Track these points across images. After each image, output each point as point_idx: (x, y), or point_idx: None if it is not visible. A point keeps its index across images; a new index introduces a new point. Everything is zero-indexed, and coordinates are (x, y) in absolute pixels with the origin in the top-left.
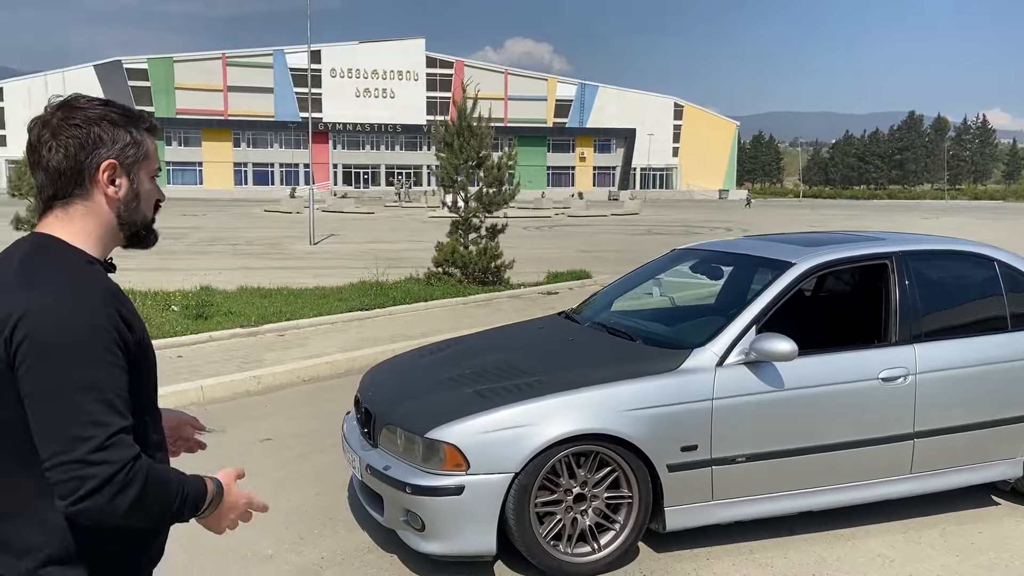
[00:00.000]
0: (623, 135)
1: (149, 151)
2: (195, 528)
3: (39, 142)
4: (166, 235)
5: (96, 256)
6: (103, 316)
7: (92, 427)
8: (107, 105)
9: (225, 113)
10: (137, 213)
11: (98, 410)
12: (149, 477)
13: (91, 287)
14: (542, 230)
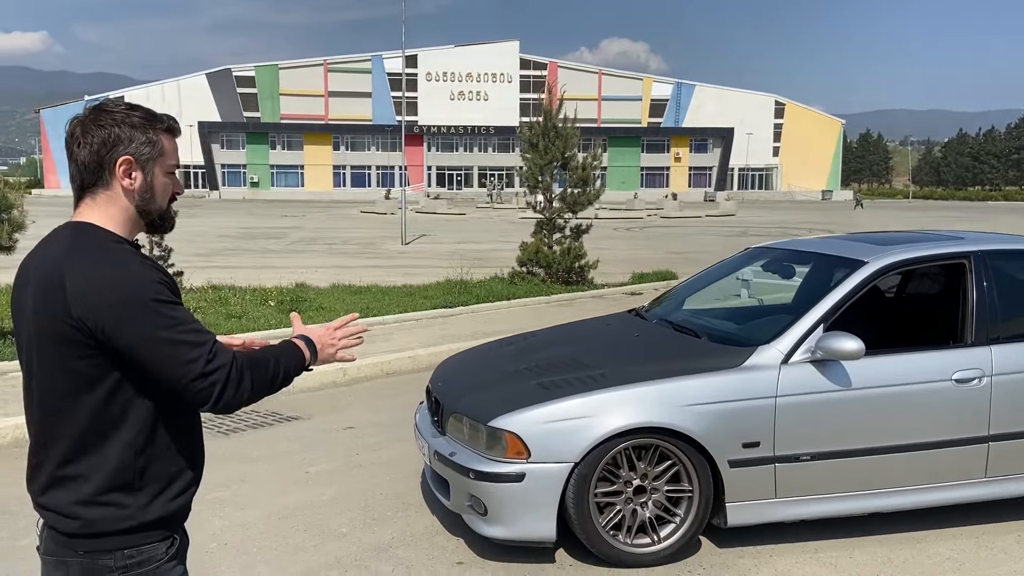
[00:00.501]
0: (720, 135)
1: (164, 149)
2: (283, 507)
3: (71, 139)
4: (267, 235)
5: (123, 237)
6: (152, 275)
7: (194, 349)
8: (131, 109)
9: (326, 117)
10: (152, 203)
11: (190, 336)
12: (251, 366)
13: (131, 257)
14: (633, 231)
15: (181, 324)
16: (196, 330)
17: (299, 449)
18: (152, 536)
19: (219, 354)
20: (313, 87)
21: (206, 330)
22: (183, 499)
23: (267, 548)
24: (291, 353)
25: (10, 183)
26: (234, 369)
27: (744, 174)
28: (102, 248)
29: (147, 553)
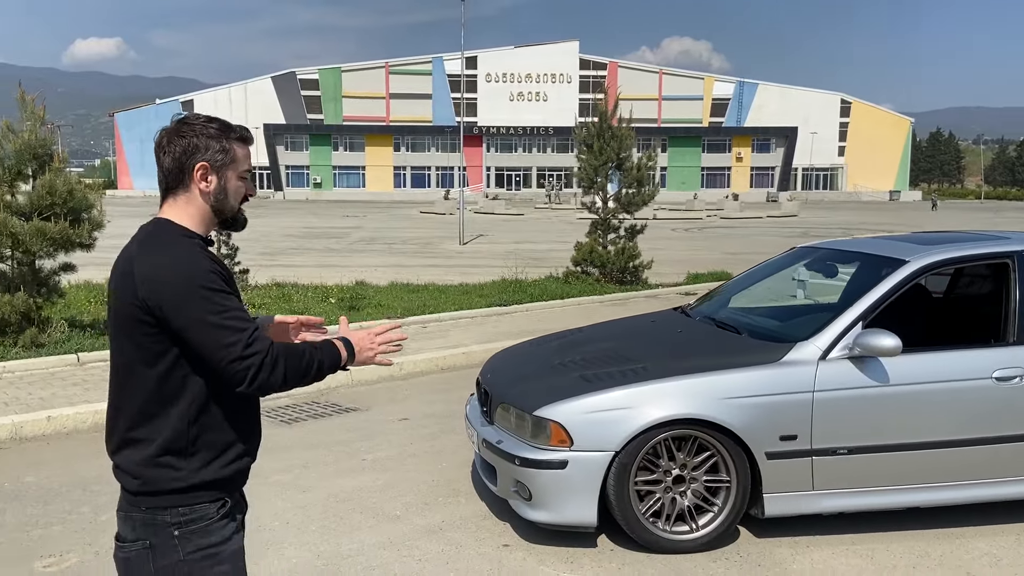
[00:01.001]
0: (783, 134)
1: (237, 156)
2: (340, 490)
3: (159, 148)
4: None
5: (197, 232)
6: (207, 265)
7: (235, 334)
8: (209, 121)
9: (387, 119)
10: (225, 204)
11: (233, 323)
12: (286, 355)
13: (192, 248)
14: (691, 232)
15: (226, 311)
16: (239, 317)
17: (357, 438)
18: (203, 496)
19: (257, 341)
20: (375, 89)
21: (249, 318)
22: (234, 467)
23: (325, 527)
24: (328, 350)
25: (90, 184)
26: (269, 356)
27: (808, 174)
28: (169, 240)
29: (199, 512)
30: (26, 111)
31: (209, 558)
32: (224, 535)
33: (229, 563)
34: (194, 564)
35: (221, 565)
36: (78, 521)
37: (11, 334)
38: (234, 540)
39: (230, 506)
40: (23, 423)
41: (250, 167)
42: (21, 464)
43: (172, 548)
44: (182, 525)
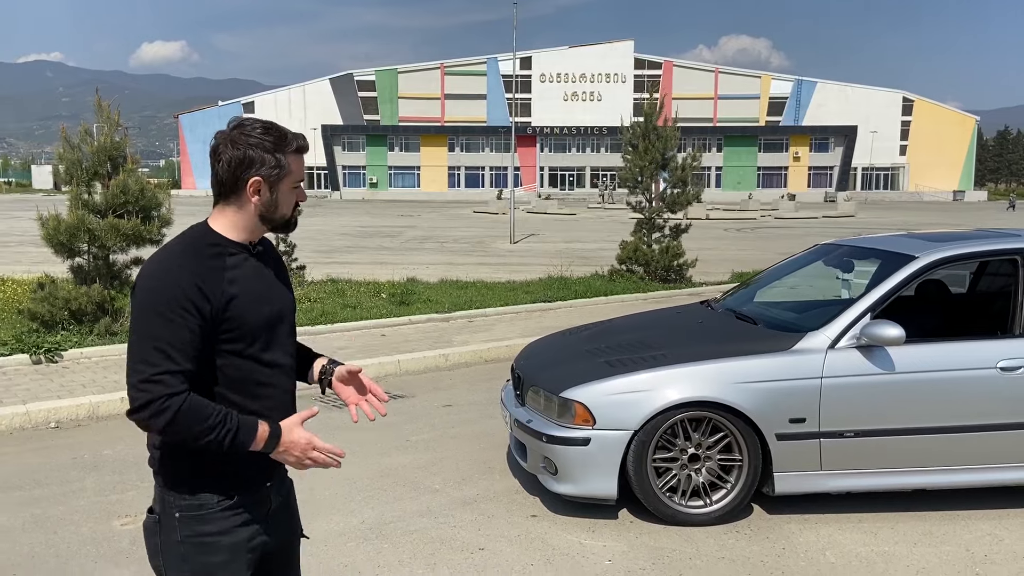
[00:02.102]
0: (842, 133)
1: (291, 169)
2: (385, 466)
3: (214, 153)
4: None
5: (237, 240)
6: (175, 284)
7: (143, 364)
8: (266, 132)
9: (442, 120)
10: (275, 213)
11: (151, 354)
12: (182, 410)
13: (184, 262)
14: (743, 232)
15: (152, 339)
16: (160, 352)
17: (403, 421)
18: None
19: (159, 384)
20: (430, 90)
21: (175, 359)
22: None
23: (370, 498)
24: (245, 432)
25: (160, 184)
26: (160, 402)
27: (868, 174)
28: (173, 248)
29: (200, 500)
30: (102, 116)
31: (204, 546)
32: (223, 527)
33: (226, 554)
34: (190, 548)
35: (215, 555)
36: (149, 488)
37: (87, 323)
38: (235, 533)
39: (235, 501)
40: (100, 403)
41: (303, 176)
42: (99, 439)
43: (173, 528)
44: (183, 509)
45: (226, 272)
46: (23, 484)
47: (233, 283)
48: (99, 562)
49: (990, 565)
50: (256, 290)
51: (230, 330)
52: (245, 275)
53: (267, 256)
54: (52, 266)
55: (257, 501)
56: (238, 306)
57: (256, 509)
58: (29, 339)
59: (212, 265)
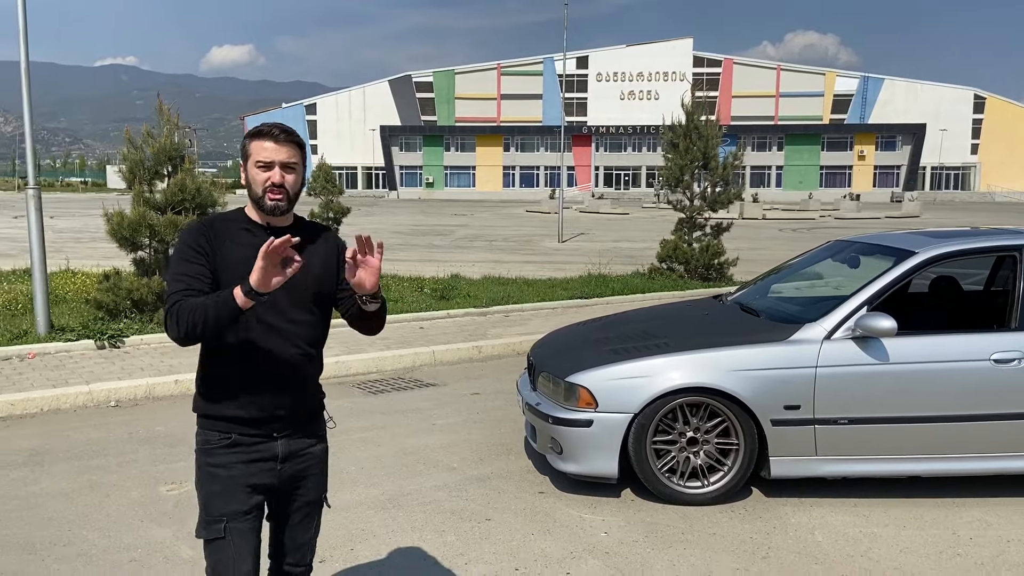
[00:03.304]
0: (910, 131)
1: (250, 150)
2: (410, 447)
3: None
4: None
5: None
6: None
7: (167, 292)
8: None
9: (497, 120)
10: (250, 192)
11: (171, 283)
12: (183, 308)
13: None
14: (799, 232)
15: (174, 272)
16: (178, 278)
17: (431, 407)
18: (206, 424)
19: (171, 297)
20: (486, 90)
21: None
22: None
23: (392, 473)
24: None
25: (215, 183)
26: (172, 308)
27: (937, 173)
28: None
29: (205, 436)
30: (163, 118)
31: (208, 475)
32: (222, 461)
33: (222, 485)
34: (199, 473)
35: (213, 483)
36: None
37: (147, 312)
38: (232, 468)
39: (232, 440)
40: (155, 385)
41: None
42: (153, 417)
43: (196, 457)
44: (198, 444)
45: (230, 237)
46: (83, 455)
47: (228, 247)
48: (144, 522)
49: (973, 547)
50: (235, 262)
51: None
52: (245, 244)
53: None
54: (119, 260)
55: (258, 446)
56: (226, 265)
57: (257, 452)
58: (95, 326)
59: (221, 228)
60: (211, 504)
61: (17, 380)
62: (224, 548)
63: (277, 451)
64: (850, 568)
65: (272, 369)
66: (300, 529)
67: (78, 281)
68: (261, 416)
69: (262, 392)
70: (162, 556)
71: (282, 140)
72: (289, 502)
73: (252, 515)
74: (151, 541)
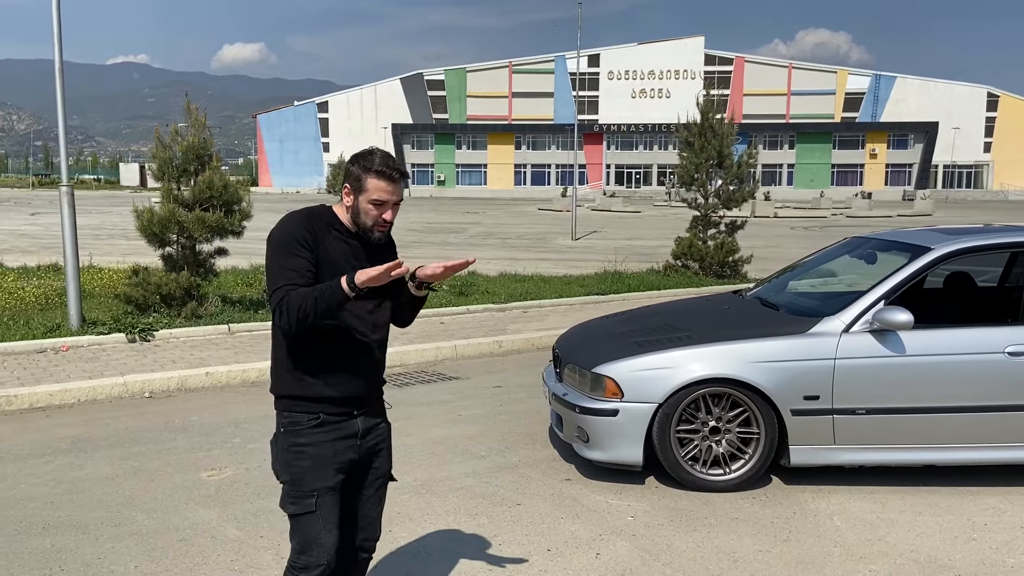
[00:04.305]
0: (923, 129)
1: (367, 187)
2: (437, 436)
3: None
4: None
5: (344, 222)
6: (293, 231)
7: (271, 284)
8: (361, 155)
9: (509, 118)
10: (358, 219)
11: (276, 276)
12: (292, 299)
13: (299, 219)
14: (811, 230)
15: (278, 266)
16: (284, 272)
17: (455, 399)
18: (296, 406)
19: (279, 292)
20: (498, 89)
21: (290, 279)
22: (316, 390)
23: (423, 461)
24: (332, 287)
25: (240, 181)
26: (282, 301)
27: (949, 171)
28: (297, 211)
29: (293, 418)
30: (191, 118)
31: (298, 454)
32: (312, 439)
33: (311, 461)
34: (287, 454)
35: (305, 461)
36: (232, 448)
37: (176, 306)
38: (321, 447)
39: (320, 420)
40: (187, 377)
41: (381, 198)
42: (187, 408)
43: (280, 439)
44: (285, 425)
45: (325, 234)
46: (123, 442)
47: (322, 244)
48: (189, 504)
49: (987, 532)
50: (336, 259)
51: (317, 277)
52: (333, 245)
53: (369, 245)
54: (141, 256)
55: (343, 425)
56: (326, 260)
57: (341, 430)
58: (125, 320)
59: (319, 224)
60: (302, 480)
61: (54, 371)
62: (314, 521)
63: (358, 428)
64: (868, 551)
65: (357, 352)
66: (372, 502)
67: (105, 277)
68: (347, 396)
69: (349, 373)
70: (209, 536)
71: (398, 181)
72: (365, 476)
73: (336, 491)
74: (197, 522)
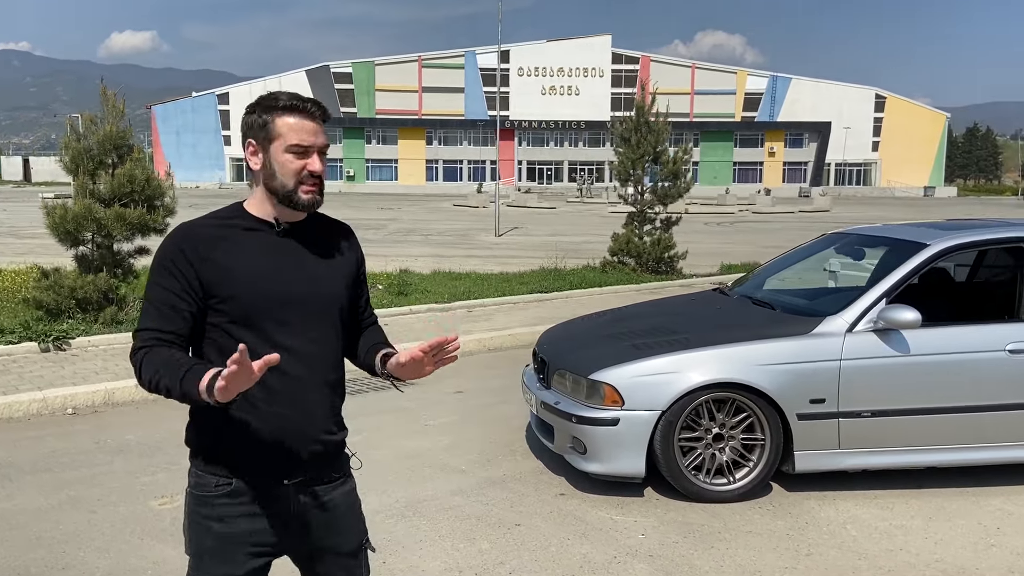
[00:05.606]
0: (817, 129)
1: (279, 130)
2: (409, 449)
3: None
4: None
5: (260, 216)
6: (165, 249)
7: (142, 316)
8: (262, 98)
9: (419, 113)
10: (275, 181)
11: (143, 311)
12: (146, 364)
13: (183, 230)
14: (723, 226)
15: (146, 297)
16: (145, 310)
17: (417, 407)
18: (201, 465)
19: (142, 337)
20: (407, 83)
21: (156, 318)
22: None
23: (399, 478)
24: (189, 381)
25: (168, 173)
26: (136, 353)
27: (841, 169)
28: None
29: (201, 479)
30: (107, 105)
31: (200, 527)
32: (219, 512)
33: (216, 541)
34: (194, 525)
35: (207, 539)
36: (179, 471)
37: (92, 311)
38: (231, 523)
39: (234, 487)
40: (115, 390)
41: (303, 140)
42: (119, 425)
43: (186, 501)
44: (191, 486)
45: (225, 242)
46: (52, 467)
47: (229, 254)
48: (144, 539)
49: (1003, 536)
50: (263, 267)
51: (220, 303)
52: (251, 250)
53: (304, 237)
54: (40, 256)
55: (269, 496)
56: (229, 277)
57: (268, 505)
58: (37, 327)
59: (212, 234)
60: (201, 563)
61: None
62: None
63: (290, 500)
64: (893, 563)
65: (291, 400)
66: None
67: (7, 279)
68: (274, 458)
69: (277, 428)
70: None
71: (318, 118)
72: (314, 562)
73: None
74: (159, 561)
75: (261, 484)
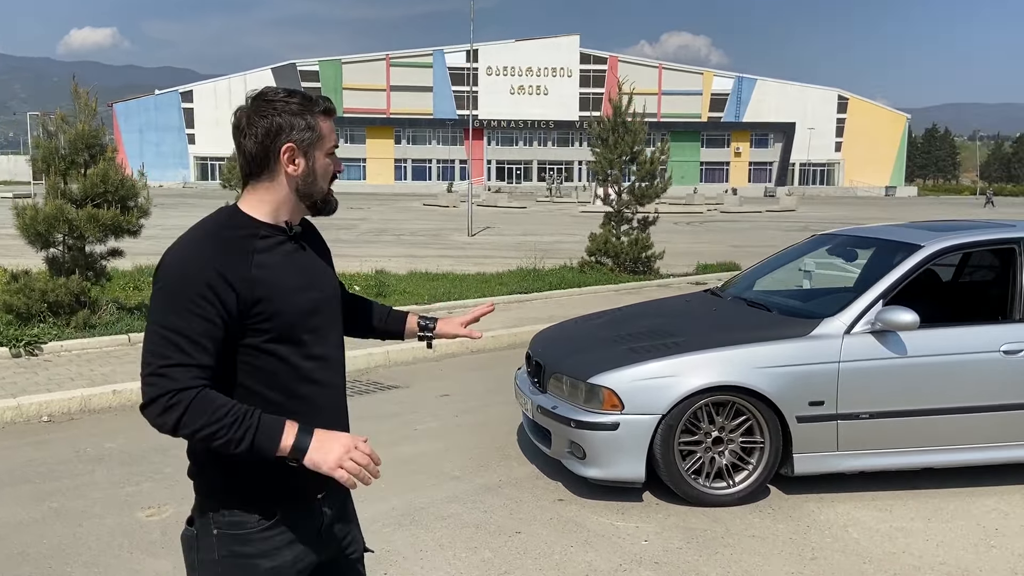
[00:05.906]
0: (781, 129)
1: (323, 132)
2: (400, 455)
3: (237, 130)
4: (337, 225)
5: (269, 221)
6: (198, 271)
7: (153, 356)
8: (289, 96)
9: (387, 112)
10: (314, 186)
11: (163, 345)
12: (191, 407)
13: (207, 247)
14: (693, 226)
15: (166, 330)
16: (172, 344)
17: (405, 411)
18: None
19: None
20: (375, 81)
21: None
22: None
23: (393, 486)
24: (267, 431)
25: (141, 172)
26: (168, 397)
27: (805, 169)
28: (199, 231)
29: (237, 517)
30: (80, 103)
31: (243, 568)
32: (264, 548)
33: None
34: (228, 568)
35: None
36: (164, 480)
37: (64, 315)
38: (278, 555)
39: (277, 519)
40: (91, 396)
41: (336, 142)
42: (97, 432)
43: (211, 546)
44: (222, 526)
45: (255, 257)
46: (31, 478)
47: (263, 268)
48: (134, 553)
49: (1002, 537)
50: (293, 277)
51: (263, 321)
52: (279, 261)
53: (309, 237)
54: (3, 258)
55: (305, 517)
56: (270, 295)
57: (304, 526)
58: (7, 332)
59: (239, 249)
60: None
61: None
62: None
63: (320, 515)
64: (899, 566)
65: (328, 409)
66: None
67: None
68: (314, 475)
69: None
70: None
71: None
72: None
73: None
74: (151, 575)
75: (300, 507)
